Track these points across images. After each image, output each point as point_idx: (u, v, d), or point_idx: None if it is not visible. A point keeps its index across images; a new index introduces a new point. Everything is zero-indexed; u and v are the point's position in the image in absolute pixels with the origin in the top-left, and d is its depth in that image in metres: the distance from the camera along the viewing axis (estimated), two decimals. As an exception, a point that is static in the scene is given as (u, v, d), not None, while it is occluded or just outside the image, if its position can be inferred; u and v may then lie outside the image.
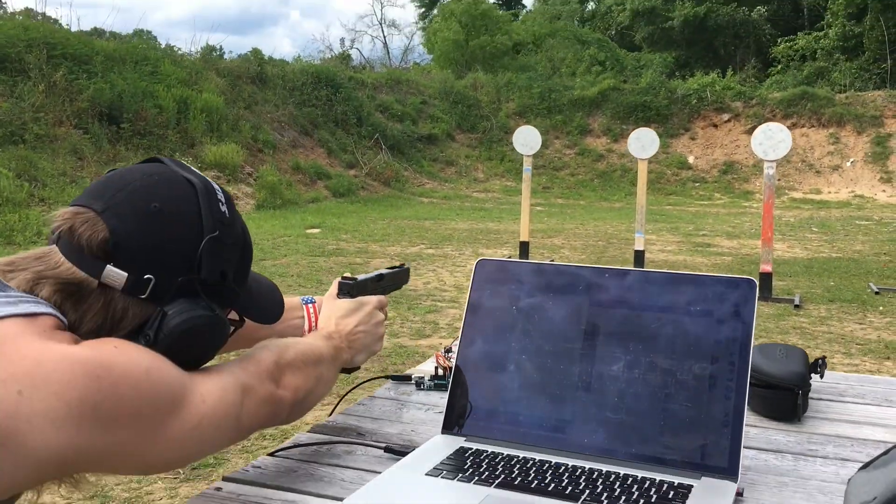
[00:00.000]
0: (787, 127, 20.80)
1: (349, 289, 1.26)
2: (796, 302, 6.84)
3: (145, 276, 0.89)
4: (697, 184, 19.71)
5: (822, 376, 1.37)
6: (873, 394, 1.43)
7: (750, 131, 20.35)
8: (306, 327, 1.32)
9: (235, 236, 0.98)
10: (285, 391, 1.02)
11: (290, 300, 1.33)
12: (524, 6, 41.64)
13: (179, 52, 18.25)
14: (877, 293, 7.37)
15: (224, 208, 0.97)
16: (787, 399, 1.28)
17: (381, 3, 55.23)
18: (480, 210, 15.41)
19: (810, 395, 1.34)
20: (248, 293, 1.04)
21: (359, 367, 1.25)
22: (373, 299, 1.26)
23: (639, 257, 8.46)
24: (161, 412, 0.85)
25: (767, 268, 7.04)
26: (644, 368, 1.11)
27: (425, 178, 19.14)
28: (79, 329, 0.88)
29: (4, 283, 0.87)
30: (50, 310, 0.85)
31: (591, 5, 39.03)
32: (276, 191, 14.09)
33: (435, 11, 40.36)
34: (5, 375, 0.76)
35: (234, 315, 1.05)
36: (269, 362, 1.01)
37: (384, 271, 1.35)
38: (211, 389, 0.91)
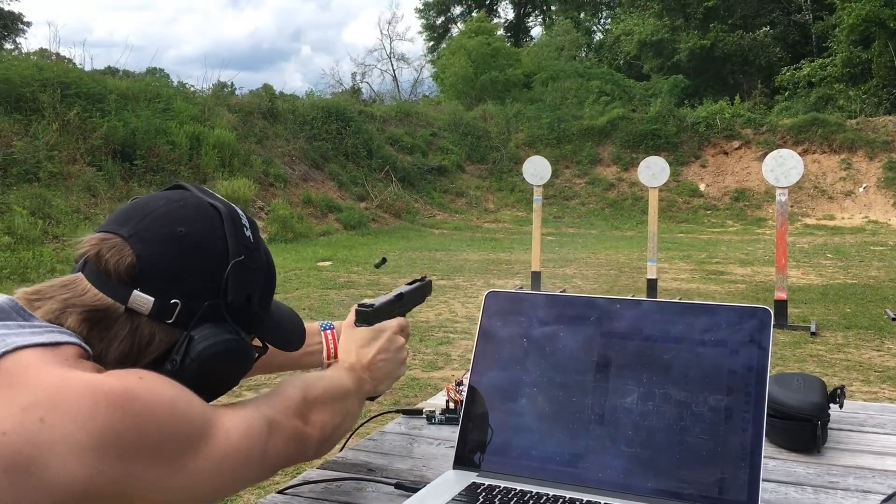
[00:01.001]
0: (799, 153, 20.79)
1: (367, 317, 1.23)
2: (812, 329, 6.77)
3: (172, 301, 0.88)
4: (709, 211, 19.66)
5: (840, 406, 1.34)
6: (894, 423, 1.40)
7: (761, 158, 20.32)
8: (325, 353, 1.30)
9: (260, 261, 0.98)
10: (313, 428, 1.00)
11: (308, 326, 1.32)
12: (531, 37, 42.03)
13: (192, 88, 18.47)
14: (893, 319, 7.29)
15: (249, 233, 0.97)
16: (805, 430, 1.25)
17: (391, 38, 55.83)
18: (491, 241, 15.42)
19: (829, 425, 1.31)
20: (271, 319, 1.04)
21: (381, 394, 1.23)
22: (392, 324, 1.23)
23: (651, 286, 8.42)
24: (184, 446, 0.83)
25: (782, 295, 6.99)
26: (658, 400, 1.09)
27: (436, 210, 19.19)
28: (105, 357, 0.87)
29: (30, 312, 0.87)
30: (74, 339, 0.84)
31: (597, 36, 39.36)
32: (288, 224, 14.15)
33: (444, 45, 40.78)
34: (27, 403, 0.74)
35: (256, 341, 1.04)
36: (296, 398, 1.00)
37: (404, 289, 1.31)
38: (237, 424, 0.89)
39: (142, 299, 0.88)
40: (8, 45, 31.79)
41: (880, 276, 10.50)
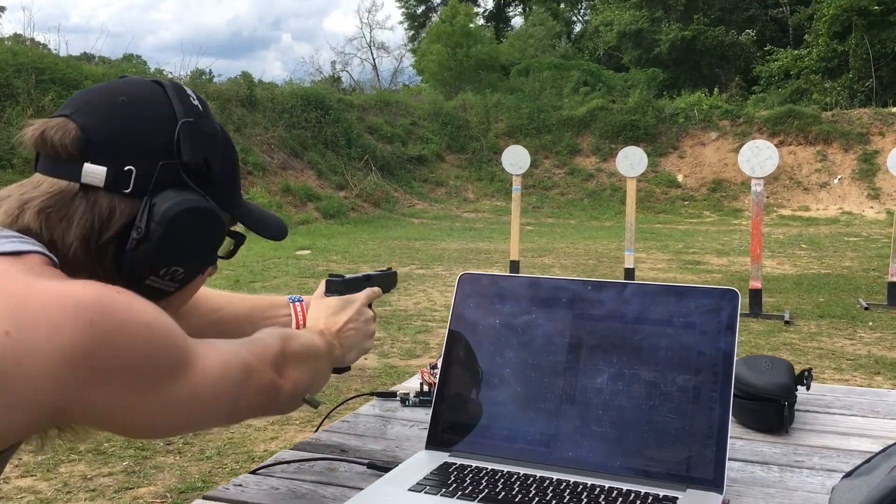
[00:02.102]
0: (775, 145, 20.99)
1: (337, 286, 1.24)
2: (786, 318, 6.85)
3: (125, 168, 0.85)
4: (687, 202, 19.80)
5: (808, 388, 1.36)
6: (860, 405, 1.42)
7: (738, 149, 20.46)
8: (294, 325, 1.30)
9: (213, 128, 0.94)
10: (286, 382, 0.98)
11: (276, 298, 1.32)
12: (512, 27, 42.00)
13: (169, 75, 18.27)
14: (866, 309, 7.39)
15: (196, 102, 0.93)
16: (773, 411, 1.27)
17: (371, 26, 55.57)
18: (471, 230, 15.44)
19: (797, 406, 1.33)
20: (248, 209, 1.02)
21: (349, 368, 1.22)
22: (361, 296, 1.23)
23: (629, 275, 8.48)
24: (158, 373, 0.79)
25: (757, 284, 7.06)
26: (628, 381, 1.10)
27: (415, 199, 19.17)
28: (67, 243, 0.84)
29: None
30: (38, 248, 0.81)
31: (577, 27, 39.40)
32: (266, 213, 14.07)
33: (424, 34, 40.65)
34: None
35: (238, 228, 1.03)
36: (275, 349, 0.98)
37: (371, 272, 1.33)
38: (214, 363, 0.86)
39: (94, 171, 0.84)
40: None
41: (854, 265, 10.65)
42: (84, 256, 0.85)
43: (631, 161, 8.45)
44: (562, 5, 39.34)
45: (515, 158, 9.02)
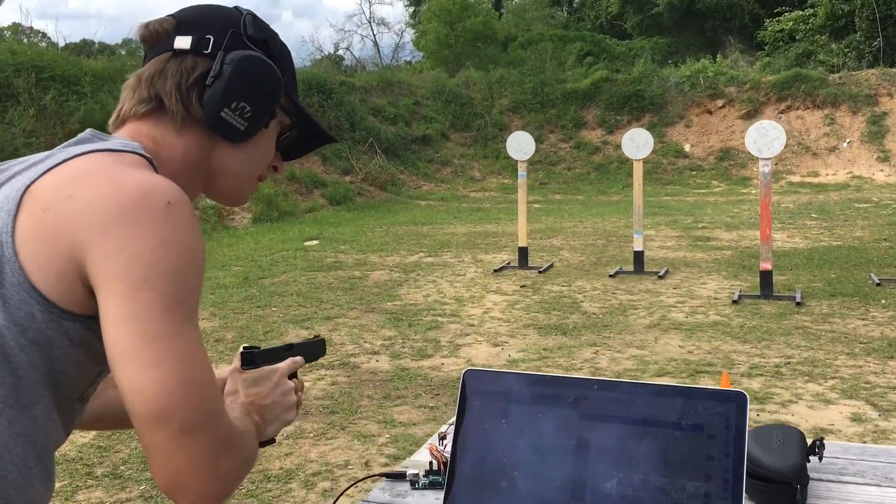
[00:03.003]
0: (782, 110, 20.67)
1: (253, 358, 1.17)
2: (798, 299, 6.82)
3: (205, 36, 1.07)
4: (695, 172, 19.67)
5: (820, 459, 1.35)
6: (873, 471, 1.41)
7: (745, 116, 20.29)
8: None
9: (272, 31, 1.14)
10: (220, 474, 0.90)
11: None
12: (511, 0, 41.50)
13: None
14: (878, 284, 7.35)
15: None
16: (785, 493, 1.26)
17: (370, 2, 55.04)
18: (478, 211, 15.39)
19: (810, 473, 1.32)
20: (309, 112, 1.19)
21: (274, 441, 1.16)
22: (281, 366, 1.19)
23: (638, 258, 8.45)
24: (178, 291, 0.87)
25: (767, 266, 7.03)
26: (638, 486, 1.09)
27: (421, 181, 19.11)
28: (169, 97, 1.05)
29: (107, 135, 1.05)
30: (138, 150, 0.99)
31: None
32: (273, 202, 14.07)
33: (424, 7, 40.27)
34: (60, 182, 0.90)
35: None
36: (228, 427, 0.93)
37: (295, 342, 1.28)
38: (202, 357, 0.90)
39: (182, 40, 1.07)
40: (-21, 24, 31.19)
41: (865, 236, 10.58)
42: (178, 99, 1.05)
43: (637, 143, 8.38)
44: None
45: (520, 144, 8.96)
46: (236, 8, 1.16)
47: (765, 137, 6.88)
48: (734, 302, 6.91)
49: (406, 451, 3.74)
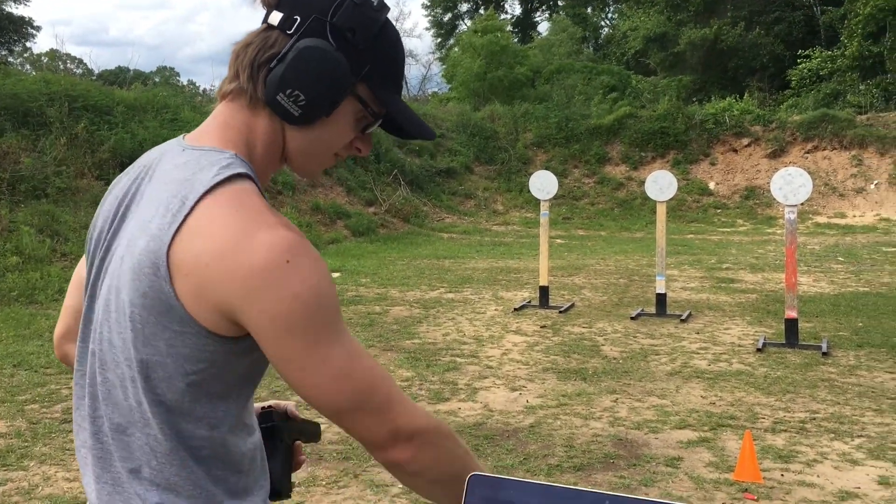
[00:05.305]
0: (809, 150, 20.50)
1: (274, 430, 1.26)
2: (824, 349, 6.70)
3: (294, 16, 1.11)
4: (719, 210, 19.54)
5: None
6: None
7: (771, 156, 20.18)
8: None
9: (376, 18, 1.14)
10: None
11: None
12: (539, 33, 41.82)
13: (200, 88, 18.45)
14: (906, 335, 7.21)
15: (374, 1, 1.14)
16: None
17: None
18: (500, 245, 15.37)
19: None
20: (401, 104, 1.20)
21: (290, 496, 1.22)
22: None
23: (661, 300, 8.37)
24: (318, 327, 1.02)
25: (793, 314, 6.91)
26: None
27: (444, 213, 19.15)
28: (245, 70, 1.11)
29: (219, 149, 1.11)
30: (235, 166, 1.07)
31: (605, 31, 39.12)
32: (296, 233, 14.12)
33: (452, 41, 40.64)
34: (207, 259, 1.00)
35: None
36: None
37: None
38: (361, 352, 1.08)
39: (275, 14, 1.12)
40: (17, 49, 31.92)
41: (893, 282, 10.41)
42: (249, 75, 1.11)
43: (660, 185, 8.34)
44: (589, 9, 39.14)
45: (543, 183, 8.95)
46: None
47: (791, 184, 6.81)
48: (758, 350, 6.80)
49: (418, 502, 3.69)
